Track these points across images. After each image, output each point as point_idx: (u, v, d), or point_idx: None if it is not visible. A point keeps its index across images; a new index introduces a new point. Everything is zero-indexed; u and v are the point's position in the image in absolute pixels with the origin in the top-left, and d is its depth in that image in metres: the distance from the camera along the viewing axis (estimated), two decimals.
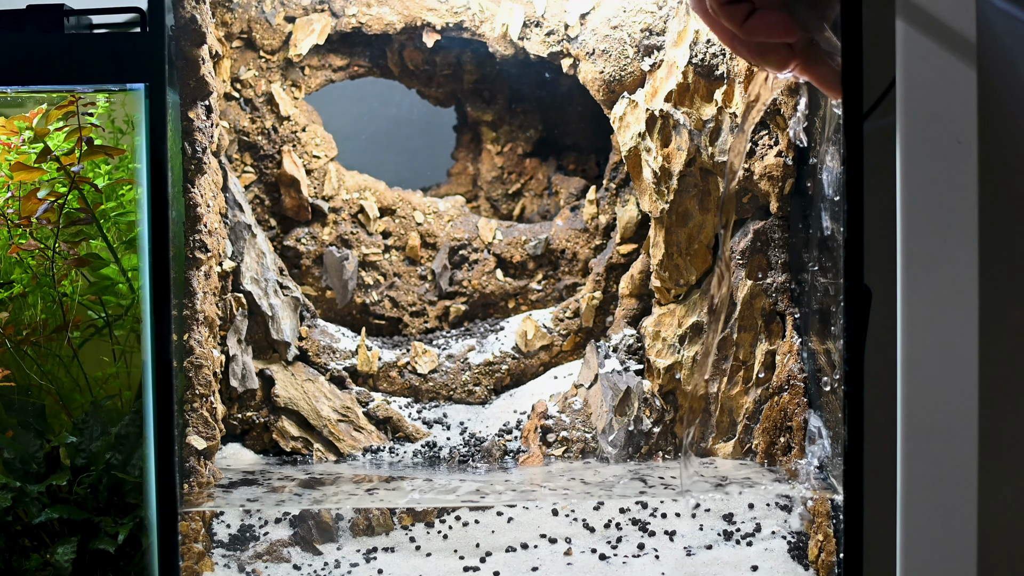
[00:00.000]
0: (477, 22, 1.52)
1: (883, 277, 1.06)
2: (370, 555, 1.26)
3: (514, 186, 1.69)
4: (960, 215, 1.02)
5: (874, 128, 1.12)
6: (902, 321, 1.02)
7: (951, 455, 1.02)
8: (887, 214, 1.04)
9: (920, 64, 1.01)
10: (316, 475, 1.37)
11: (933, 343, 1.02)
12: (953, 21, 1.01)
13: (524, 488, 1.32)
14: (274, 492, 1.30)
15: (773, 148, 1.33)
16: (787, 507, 1.26)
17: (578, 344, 1.56)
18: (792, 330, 1.35)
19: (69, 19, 1.15)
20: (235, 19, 1.50)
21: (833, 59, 1.07)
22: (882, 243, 1.05)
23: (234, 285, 1.43)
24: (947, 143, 1.01)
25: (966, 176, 1.02)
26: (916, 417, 1.02)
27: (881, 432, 1.07)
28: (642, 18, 1.44)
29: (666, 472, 1.36)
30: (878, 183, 1.06)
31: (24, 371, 1.31)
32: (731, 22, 1.08)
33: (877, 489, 1.08)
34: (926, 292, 1.02)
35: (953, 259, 1.02)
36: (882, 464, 1.07)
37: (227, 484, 1.32)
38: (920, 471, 1.03)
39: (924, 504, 1.03)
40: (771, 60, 1.11)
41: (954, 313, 1.02)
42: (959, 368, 1.02)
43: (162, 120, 1.11)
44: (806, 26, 1.07)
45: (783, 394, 1.34)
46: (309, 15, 1.52)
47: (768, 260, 1.37)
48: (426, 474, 1.36)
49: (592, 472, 1.37)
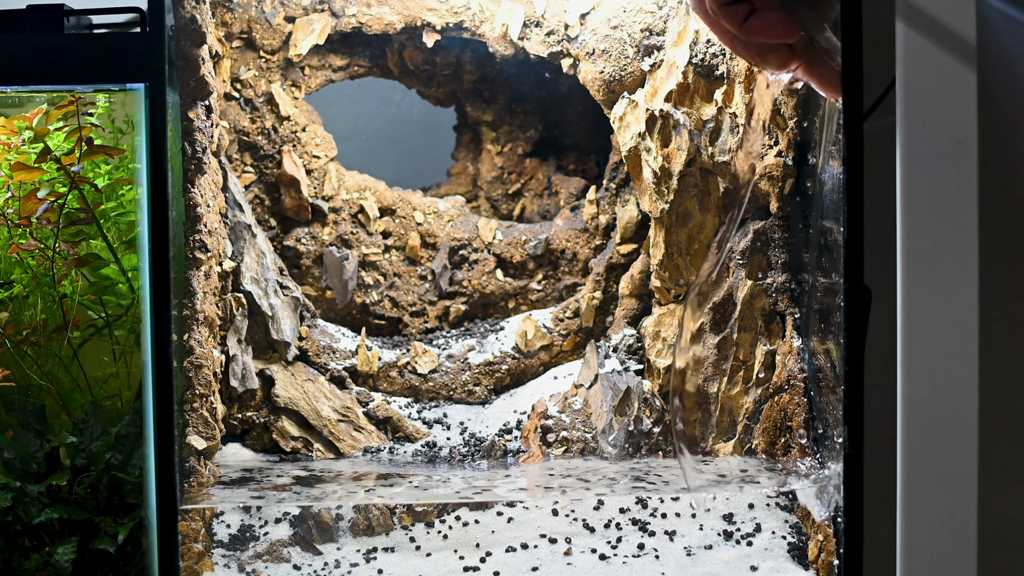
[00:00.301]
0: (477, 22, 1.52)
1: (883, 277, 1.06)
2: (370, 555, 1.26)
3: (514, 186, 1.69)
4: (960, 215, 1.02)
5: (874, 128, 1.12)
6: (902, 321, 1.02)
7: (951, 455, 1.02)
8: (887, 214, 1.04)
9: (920, 64, 1.01)
10: (316, 472, 1.37)
11: (933, 343, 1.02)
12: (953, 21, 1.01)
13: (524, 482, 1.32)
14: (275, 490, 1.30)
15: (773, 148, 1.33)
16: (787, 507, 1.26)
17: (578, 344, 1.56)
18: (792, 330, 1.35)
19: (69, 19, 1.15)
20: (235, 19, 1.50)
21: (833, 59, 1.07)
22: (882, 243, 1.05)
23: (234, 285, 1.43)
24: (947, 143, 1.01)
25: (966, 176, 1.02)
26: (916, 417, 1.02)
27: (881, 432, 1.07)
28: (642, 18, 1.44)
29: (665, 471, 1.36)
30: (878, 183, 1.06)
31: (24, 371, 1.31)
32: (731, 22, 1.08)
33: (877, 489, 1.08)
34: (926, 292, 1.02)
35: (953, 259, 1.02)
36: (882, 464, 1.07)
37: (228, 481, 1.32)
38: (920, 471, 1.03)
39: (924, 504, 1.03)
40: (771, 60, 1.11)
41: (954, 313, 1.02)
42: (959, 368, 1.02)
43: (162, 120, 1.11)
44: (806, 26, 1.07)
45: (783, 394, 1.34)
46: (309, 15, 1.52)
47: (768, 260, 1.37)
48: (426, 471, 1.36)
49: (591, 466, 1.37)
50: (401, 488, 1.28)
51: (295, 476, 1.34)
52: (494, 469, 1.38)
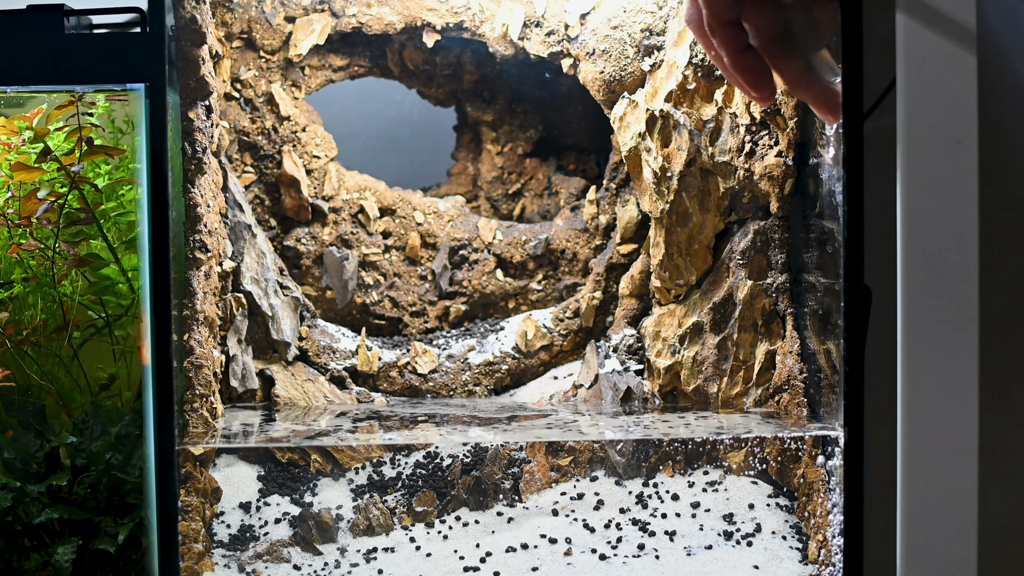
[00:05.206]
0: (477, 22, 1.52)
1: (883, 277, 1.06)
2: (370, 555, 1.26)
3: (514, 186, 1.69)
4: (960, 215, 1.02)
5: (874, 128, 1.12)
6: (902, 321, 1.02)
7: (951, 455, 1.02)
8: (887, 214, 1.04)
9: (920, 64, 1.01)
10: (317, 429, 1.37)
11: (933, 343, 1.02)
12: (954, 21, 1.01)
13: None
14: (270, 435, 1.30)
15: (773, 148, 1.33)
16: (788, 507, 1.26)
17: (578, 344, 1.56)
18: (792, 330, 1.35)
19: (69, 19, 1.15)
20: (235, 19, 1.50)
21: (831, 81, 1.06)
22: (882, 243, 1.05)
23: (234, 285, 1.43)
24: (947, 143, 1.01)
25: (966, 176, 1.02)
26: (916, 417, 1.03)
27: (881, 432, 1.07)
28: (642, 18, 1.44)
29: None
30: (878, 183, 1.06)
31: (24, 371, 1.31)
32: (726, 46, 1.07)
33: (877, 488, 1.08)
34: (926, 292, 1.02)
35: (953, 259, 1.02)
36: (882, 464, 1.07)
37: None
38: (920, 471, 1.03)
39: (924, 504, 1.03)
40: (760, 91, 1.10)
41: (954, 313, 1.02)
42: (959, 367, 1.02)
43: (162, 120, 1.11)
44: (804, 48, 1.06)
45: (783, 394, 1.34)
46: (309, 15, 1.52)
47: (768, 260, 1.37)
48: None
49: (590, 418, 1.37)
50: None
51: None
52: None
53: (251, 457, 1.46)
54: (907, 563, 1.03)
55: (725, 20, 1.05)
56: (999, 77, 1.35)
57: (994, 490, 1.30)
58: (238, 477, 1.33)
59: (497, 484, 1.32)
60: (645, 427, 1.31)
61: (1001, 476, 1.36)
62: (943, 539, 1.03)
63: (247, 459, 1.35)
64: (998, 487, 1.35)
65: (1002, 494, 1.36)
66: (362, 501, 1.31)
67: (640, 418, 1.36)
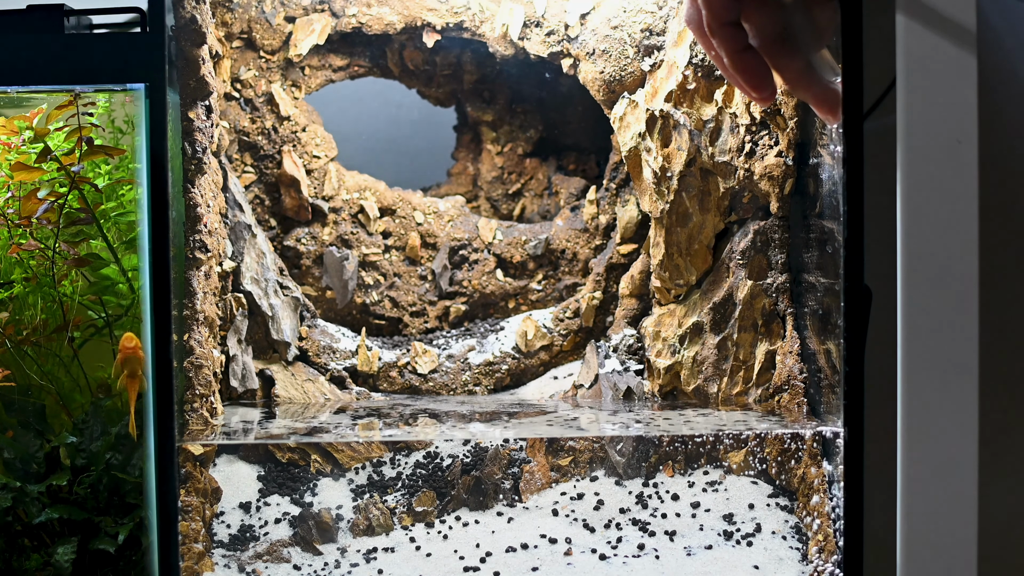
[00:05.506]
0: (477, 22, 1.52)
1: (883, 277, 1.06)
2: (370, 555, 1.26)
3: (514, 186, 1.69)
4: (960, 215, 1.02)
5: (874, 128, 1.12)
6: (902, 321, 1.02)
7: (951, 455, 1.02)
8: (887, 214, 1.04)
9: (920, 64, 1.01)
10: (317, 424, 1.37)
11: (933, 342, 1.02)
12: (954, 21, 1.01)
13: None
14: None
15: (773, 148, 1.33)
16: (787, 507, 1.26)
17: (578, 344, 1.56)
18: (792, 330, 1.35)
19: (69, 19, 1.15)
20: (235, 19, 1.50)
21: (832, 81, 1.06)
22: (882, 243, 1.05)
23: (234, 285, 1.43)
24: (947, 143, 1.01)
25: (966, 176, 1.02)
26: (916, 416, 1.02)
27: (881, 432, 1.07)
28: (642, 18, 1.44)
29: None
30: (878, 183, 1.06)
31: (24, 371, 1.30)
32: (726, 47, 1.07)
33: (877, 488, 1.08)
34: (926, 292, 1.02)
35: (953, 259, 1.02)
36: (882, 464, 1.07)
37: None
38: (920, 471, 1.03)
39: (924, 504, 1.03)
40: (760, 91, 1.10)
41: (954, 313, 1.02)
42: (959, 367, 1.02)
43: (162, 120, 1.11)
44: (804, 48, 1.06)
45: (783, 394, 1.34)
46: (309, 15, 1.52)
47: (768, 260, 1.37)
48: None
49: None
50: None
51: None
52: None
53: (251, 457, 1.46)
54: (907, 563, 1.03)
55: (725, 20, 1.05)
56: (999, 77, 1.35)
57: (994, 490, 1.30)
58: (238, 477, 1.33)
59: (497, 484, 1.32)
60: (646, 424, 1.31)
61: (1001, 476, 1.36)
62: (943, 539, 1.03)
63: (247, 459, 1.35)
64: (998, 487, 1.35)
65: (1002, 494, 1.36)
66: (362, 501, 1.31)
67: (640, 414, 1.36)
